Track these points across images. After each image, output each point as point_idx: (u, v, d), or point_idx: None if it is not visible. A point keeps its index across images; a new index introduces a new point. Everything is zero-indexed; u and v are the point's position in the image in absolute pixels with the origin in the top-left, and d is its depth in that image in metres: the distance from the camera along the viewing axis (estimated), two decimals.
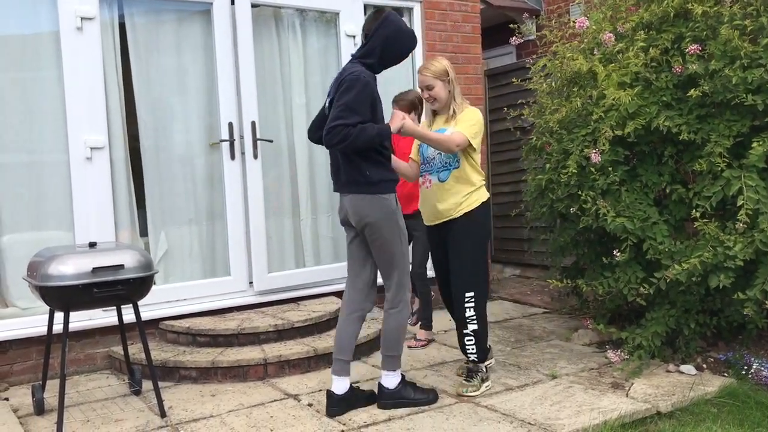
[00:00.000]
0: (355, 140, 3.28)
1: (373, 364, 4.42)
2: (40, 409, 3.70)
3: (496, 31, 7.85)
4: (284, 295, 5.16)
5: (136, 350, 4.26)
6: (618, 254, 4.15)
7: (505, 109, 6.06)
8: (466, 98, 3.91)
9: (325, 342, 4.44)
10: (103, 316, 4.43)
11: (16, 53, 4.37)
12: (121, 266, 3.41)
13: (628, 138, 4.17)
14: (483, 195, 3.83)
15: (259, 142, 5.02)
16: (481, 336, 3.81)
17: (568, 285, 4.71)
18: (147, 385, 3.98)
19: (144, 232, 4.90)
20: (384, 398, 3.61)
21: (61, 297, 3.31)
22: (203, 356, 4.22)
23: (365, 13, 5.56)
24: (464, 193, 3.78)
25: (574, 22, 4.69)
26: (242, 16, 4.95)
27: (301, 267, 5.42)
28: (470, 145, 3.73)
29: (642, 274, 4.21)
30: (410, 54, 3.63)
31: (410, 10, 5.83)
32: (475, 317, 3.78)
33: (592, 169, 4.18)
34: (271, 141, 5.14)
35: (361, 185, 3.44)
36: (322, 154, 5.48)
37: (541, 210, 4.87)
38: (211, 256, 5.07)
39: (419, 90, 3.90)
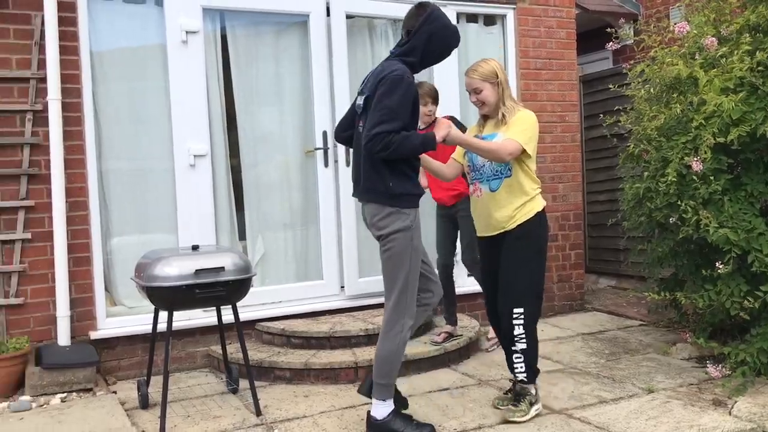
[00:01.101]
0: (398, 148, 3.06)
1: (463, 372, 4.41)
2: (144, 403, 3.90)
3: (591, 36, 7.68)
4: (374, 300, 5.22)
5: (233, 350, 4.42)
6: (720, 266, 3.98)
7: (601, 115, 5.93)
8: (559, 104, 3.83)
9: (414, 348, 4.46)
10: (203, 317, 4.62)
11: (127, 65, 4.65)
12: (222, 268, 3.56)
13: (732, 145, 4.00)
14: (538, 204, 3.56)
15: (351, 150, 5.10)
16: (530, 355, 3.56)
17: (666, 297, 4.55)
18: (243, 383, 4.12)
19: (242, 236, 5.08)
20: (370, 429, 3.34)
21: (166, 297, 3.49)
22: (297, 357, 4.34)
23: (458, 21, 5.58)
24: (517, 204, 3.51)
25: (674, 26, 4.54)
26: (337, 27, 5.08)
27: None
28: (524, 151, 3.46)
29: (746, 288, 4.02)
30: (452, 53, 3.38)
31: (503, 16, 5.80)
32: (524, 336, 3.51)
33: (694, 178, 4.03)
34: None
35: (381, 195, 3.21)
36: None
37: (638, 219, 4.73)
38: (304, 260, 5.20)
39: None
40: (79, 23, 4.41)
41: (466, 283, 5.56)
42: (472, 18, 5.74)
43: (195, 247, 3.73)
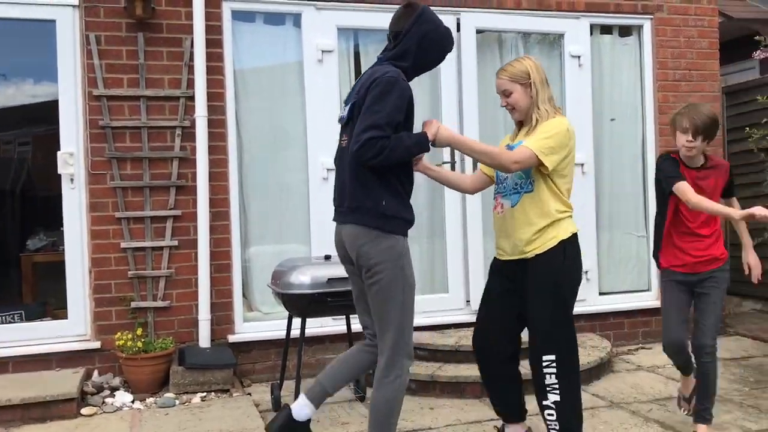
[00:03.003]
0: (391, 153, 2.70)
1: (593, 393, 4.27)
2: (277, 406, 4.05)
3: (736, 45, 7.28)
4: None
5: None
6: None
7: (747, 128, 5.61)
8: None
9: None
10: (332, 325, 4.75)
11: (267, 83, 4.90)
12: None
13: None
14: (564, 231, 3.03)
15: (478, 164, 5.09)
16: (566, 412, 2.98)
17: None
18: (370, 392, 4.18)
19: None
20: None
21: (300, 304, 3.64)
22: (423, 369, 4.37)
23: (591, 34, 5.46)
24: (538, 227, 3.02)
25: None
26: (467, 42, 5.10)
27: None
28: (542, 164, 2.94)
29: None
30: (446, 57, 3.01)
31: (639, 27, 5.61)
32: (557, 386, 2.97)
33: None
34: None
35: (370, 216, 2.78)
36: None
37: None
38: (430, 272, 5.24)
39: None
40: (224, 44, 4.70)
41: (596, 302, 5.41)
42: (606, 30, 5.59)
43: (327, 257, 3.86)
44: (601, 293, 5.49)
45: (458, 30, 5.11)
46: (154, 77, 4.56)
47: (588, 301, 5.35)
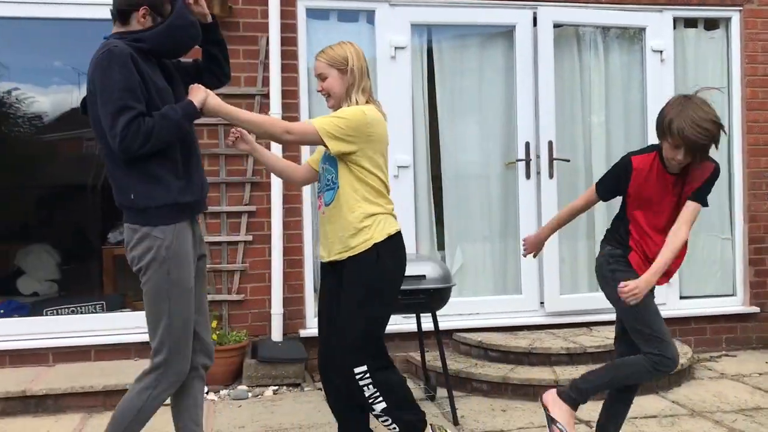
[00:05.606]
0: (160, 133, 2.42)
1: (673, 400, 4.10)
2: None
3: None
4: (575, 319, 5.03)
5: (431, 358, 4.47)
6: None
7: None
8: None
9: None
10: (402, 323, 4.71)
11: None
12: (423, 277, 3.62)
13: None
14: (379, 232, 2.75)
15: (555, 161, 4.99)
16: (396, 410, 2.78)
17: None
18: (440, 392, 4.15)
19: (441, 246, 5.14)
20: None
21: None
22: (494, 371, 4.29)
23: (674, 27, 5.26)
24: (351, 226, 2.74)
25: None
26: (544, 37, 4.98)
27: (594, 291, 5.21)
28: (324, 143, 2.68)
29: None
30: (193, 47, 2.74)
31: (727, 20, 5.36)
32: (378, 394, 2.74)
33: None
34: (567, 160, 5.07)
35: (129, 213, 2.55)
36: None
37: None
38: (502, 273, 5.15)
39: None
40: (299, 42, 4.74)
41: (676, 306, 5.21)
42: (691, 23, 5.37)
43: None
44: (682, 297, 5.29)
45: (535, 24, 5.00)
46: (231, 75, 4.62)
47: (668, 304, 5.14)
